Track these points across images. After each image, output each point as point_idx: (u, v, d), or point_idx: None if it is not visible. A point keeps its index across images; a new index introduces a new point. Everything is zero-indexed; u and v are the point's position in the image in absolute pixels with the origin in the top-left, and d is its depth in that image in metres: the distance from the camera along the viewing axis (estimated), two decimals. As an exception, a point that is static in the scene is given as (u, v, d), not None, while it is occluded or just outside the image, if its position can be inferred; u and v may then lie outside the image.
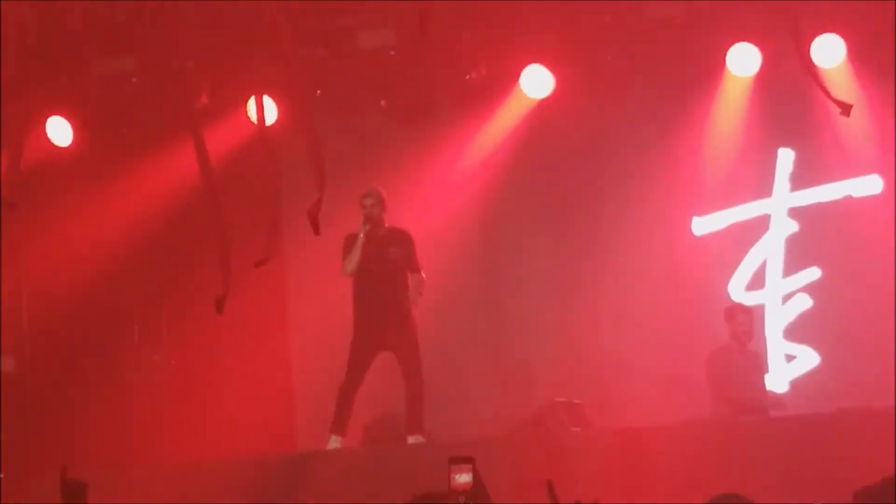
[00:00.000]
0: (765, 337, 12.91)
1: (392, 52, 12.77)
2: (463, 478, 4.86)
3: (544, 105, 12.99)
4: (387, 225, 11.83)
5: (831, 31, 12.30)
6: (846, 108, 10.56)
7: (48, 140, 12.78)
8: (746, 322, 12.14)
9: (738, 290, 13.22)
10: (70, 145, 12.88)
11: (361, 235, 11.71)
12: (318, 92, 12.82)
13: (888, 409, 10.60)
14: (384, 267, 11.78)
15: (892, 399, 11.45)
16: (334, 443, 11.52)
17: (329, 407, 12.06)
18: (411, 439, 11.56)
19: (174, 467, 11.76)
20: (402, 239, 11.89)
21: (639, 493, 10.01)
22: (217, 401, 13.04)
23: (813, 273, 13.18)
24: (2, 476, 11.66)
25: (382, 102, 13.07)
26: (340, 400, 11.60)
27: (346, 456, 11.49)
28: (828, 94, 10.53)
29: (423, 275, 11.91)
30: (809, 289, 13.20)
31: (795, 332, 13.19)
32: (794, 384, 12.86)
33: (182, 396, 13.16)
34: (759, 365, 12.32)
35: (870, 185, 13.06)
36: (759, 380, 12.17)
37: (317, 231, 9.93)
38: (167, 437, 12.73)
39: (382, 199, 11.81)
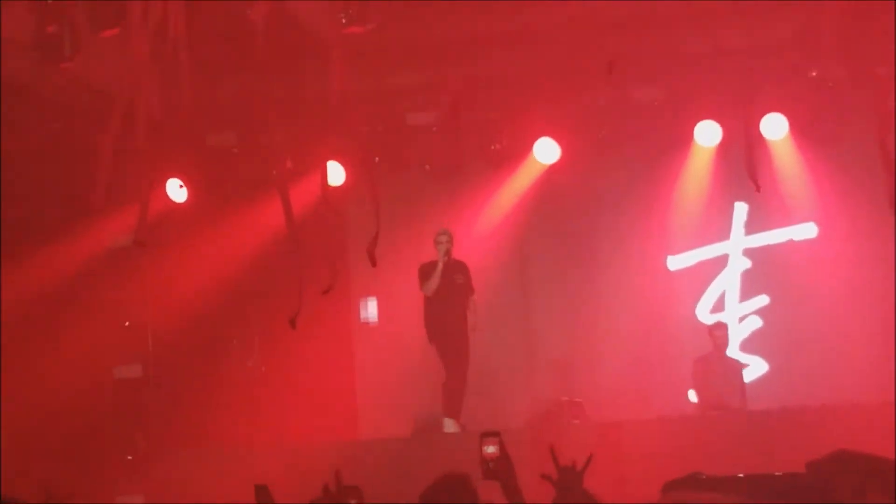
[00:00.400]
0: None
1: (434, 129, 13.01)
2: (491, 449, 4.72)
3: (553, 169, 13.18)
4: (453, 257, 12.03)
5: (778, 111, 12.47)
6: (757, 186, 10.46)
7: (167, 197, 13.06)
8: (723, 335, 12.34)
9: (703, 312, 13.33)
10: (185, 201, 13.18)
11: (440, 264, 11.91)
12: (377, 158, 13.03)
13: (853, 405, 10.76)
14: (452, 290, 12.00)
15: (834, 399, 11.69)
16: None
17: (383, 403, 12.40)
18: (447, 425, 11.67)
19: (263, 446, 11.94)
20: (464, 268, 12.10)
21: (624, 476, 9.98)
22: (295, 397, 13.13)
23: (763, 299, 13.30)
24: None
25: (427, 166, 13.30)
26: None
27: (397, 444, 11.56)
28: (752, 170, 10.46)
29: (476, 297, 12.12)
30: (761, 312, 13.28)
31: (749, 345, 13.27)
32: (748, 387, 12.70)
33: (268, 394, 13.20)
34: (735, 369, 12.38)
35: (807, 230, 13.21)
36: (736, 381, 12.23)
37: (374, 263, 9.94)
38: (258, 424, 12.78)
39: (452, 237, 12.04)
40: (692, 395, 12.56)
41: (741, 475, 3.27)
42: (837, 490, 2.51)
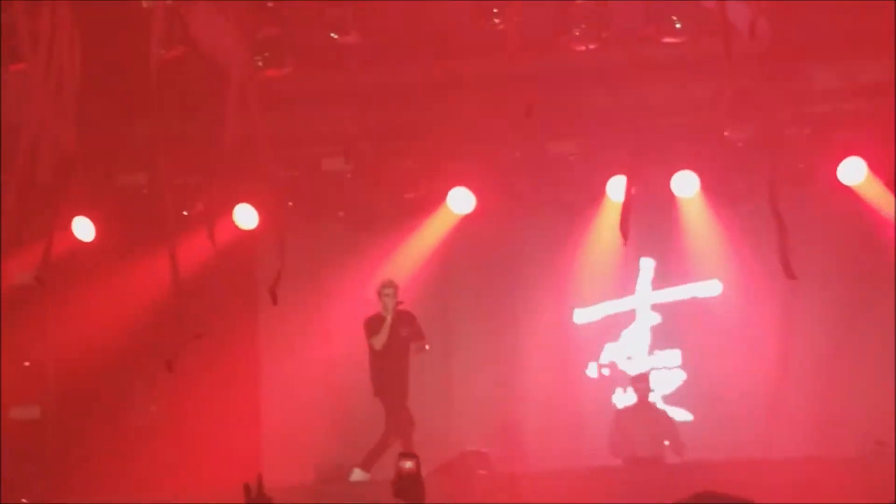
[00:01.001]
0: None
1: (348, 175, 12.93)
2: (408, 464, 4.93)
3: (467, 219, 13.17)
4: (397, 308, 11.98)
5: (689, 168, 12.56)
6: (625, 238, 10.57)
7: (74, 235, 12.82)
8: (645, 387, 12.40)
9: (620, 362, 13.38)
10: (93, 240, 12.96)
11: (389, 318, 11.90)
12: (291, 203, 12.90)
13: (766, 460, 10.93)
14: (398, 343, 12.01)
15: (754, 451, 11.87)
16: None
17: (288, 451, 12.26)
18: (356, 474, 11.67)
19: (163, 495, 11.77)
20: (410, 319, 12.06)
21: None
22: (196, 443, 13.01)
23: (674, 354, 13.41)
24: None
25: (340, 213, 13.20)
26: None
27: (302, 492, 11.33)
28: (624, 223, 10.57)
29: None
30: (671, 365, 13.35)
31: (672, 398, 13.30)
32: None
33: (170, 442, 13.03)
34: (663, 419, 12.43)
35: (711, 288, 13.34)
36: (666, 431, 12.25)
37: (274, 301, 9.73)
38: (158, 472, 12.59)
39: (397, 288, 12.06)
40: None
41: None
42: None
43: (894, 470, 9.74)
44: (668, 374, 13.42)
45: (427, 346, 12.13)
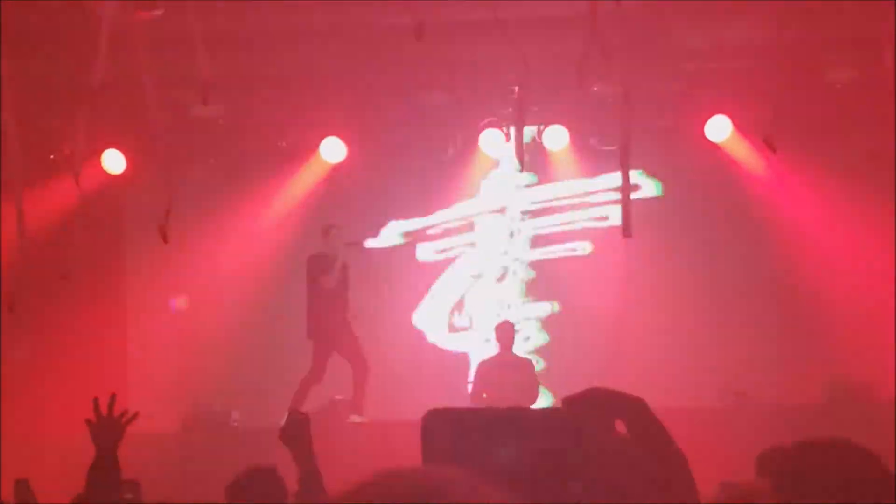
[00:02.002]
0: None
1: (220, 122, 12.90)
2: (296, 414, 4.79)
3: (338, 168, 13.24)
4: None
5: (559, 123, 12.75)
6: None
7: None
8: (508, 336, 12.36)
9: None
10: None
11: (340, 257, 11.87)
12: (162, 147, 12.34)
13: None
14: (344, 285, 12.03)
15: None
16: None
17: (157, 397, 12.16)
18: (355, 418, 11.66)
19: (24, 440, 11.55)
20: (346, 266, 12.06)
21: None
22: (62, 390, 12.51)
23: (543, 307, 13.60)
24: None
25: (211, 160, 13.19)
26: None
27: (173, 439, 11.45)
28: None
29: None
30: (544, 317, 13.59)
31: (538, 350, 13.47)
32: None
33: (35, 387, 12.74)
34: (525, 368, 12.39)
35: (582, 247, 13.58)
36: (527, 379, 12.23)
37: (166, 240, 9.44)
38: (20, 418, 12.28)
39: (342, 228, 12.03)
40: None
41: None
42: (589, 424, 2.66)
43: (752, 420, 10.10)
44: (534, 326, 13.63)
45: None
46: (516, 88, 11.42)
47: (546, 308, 13.61)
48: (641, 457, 2.66)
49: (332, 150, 13.04)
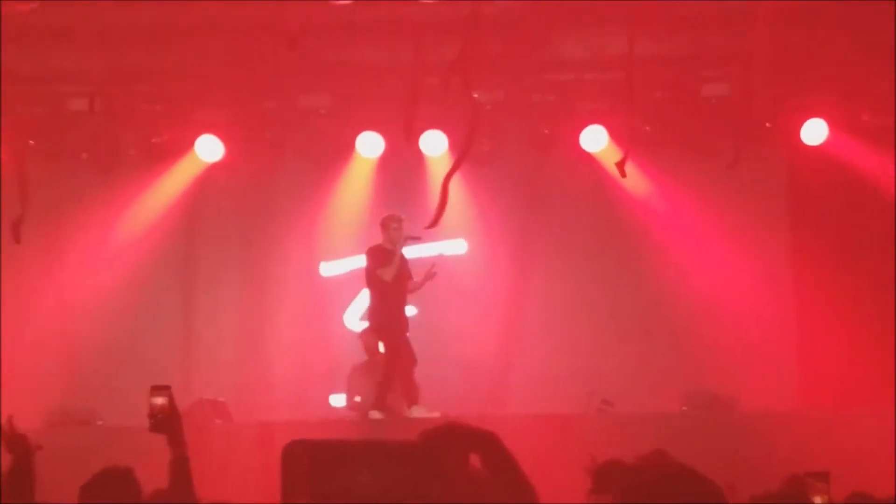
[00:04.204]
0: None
1: (94, 115, 12.59)
2: (159, 400, 4.71)
3: (215, 167, 13.18)
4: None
5: (437, 128, 12.86)
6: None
7: None
8: (373, 342, 12.13)
9: (353, 320, 13.51)
10: None
11: (398, 251, 11.69)
12: (32, 142, 12.70)
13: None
14: (402, 276, 11.79)
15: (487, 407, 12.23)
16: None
17: (22, 394, 11.95)
18: (415, 410, 11.40)
19: None
20: (404, 259, 11.81)
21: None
22: None
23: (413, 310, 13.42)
24: None
25: (84, 155, 13.01)
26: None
27: (35, 436, 11.19)
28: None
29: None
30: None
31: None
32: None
33: None
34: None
35: (457, 246, 13.61)
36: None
37: (17, 240, 9.70)
38: None
39: (402, 220, 11.80)
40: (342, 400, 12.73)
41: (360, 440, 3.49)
42: (445, 457, 2.80)
43: (615, 428, 10.39)
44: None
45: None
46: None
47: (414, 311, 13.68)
48: (493, 488, 2.82)
49: (208, 148, 13.01)
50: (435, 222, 10.79)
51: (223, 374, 13.26)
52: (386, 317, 11.78)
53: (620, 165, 10.73)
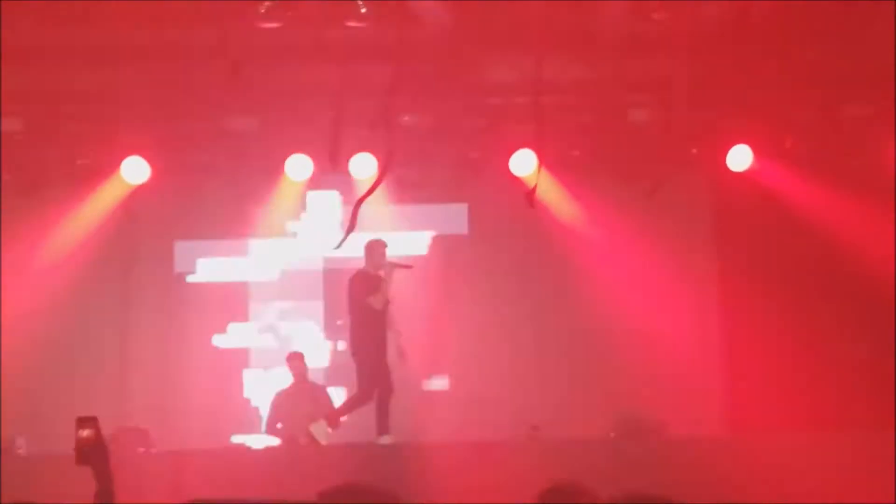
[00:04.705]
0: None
1: (17, 136, 12.59)
2: (86, 433, 4.76)
3: (141, 189, 13.05)
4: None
5: (367, 151, 12.82)
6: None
7: None
8: (300, 365, 12.40)
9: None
10: None
11: (385, 276, 11.46)
12: None
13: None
14: (387, 304, 11.60)
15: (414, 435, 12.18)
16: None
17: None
18: (384, 439, 11.23)
19: None
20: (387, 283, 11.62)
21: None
22: None
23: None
24: None
25: (6, 175, 12.86)
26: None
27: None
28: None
29: None
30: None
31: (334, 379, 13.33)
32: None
33: None
34: (323, 397, 12.37)
35: None
36: (325, 408, 12.06)
37: None
38: None
39: (386, 245, 11.66)
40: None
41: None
42: None
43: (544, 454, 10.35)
44: (334, 355, 13.63)
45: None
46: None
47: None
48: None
49: (134, 170, 12.93)
50: (340, 244, 10.79)
51: (151, 399, 13.15)
52: (371, 344, 11.59)
53: (530, 196, 10.74)
